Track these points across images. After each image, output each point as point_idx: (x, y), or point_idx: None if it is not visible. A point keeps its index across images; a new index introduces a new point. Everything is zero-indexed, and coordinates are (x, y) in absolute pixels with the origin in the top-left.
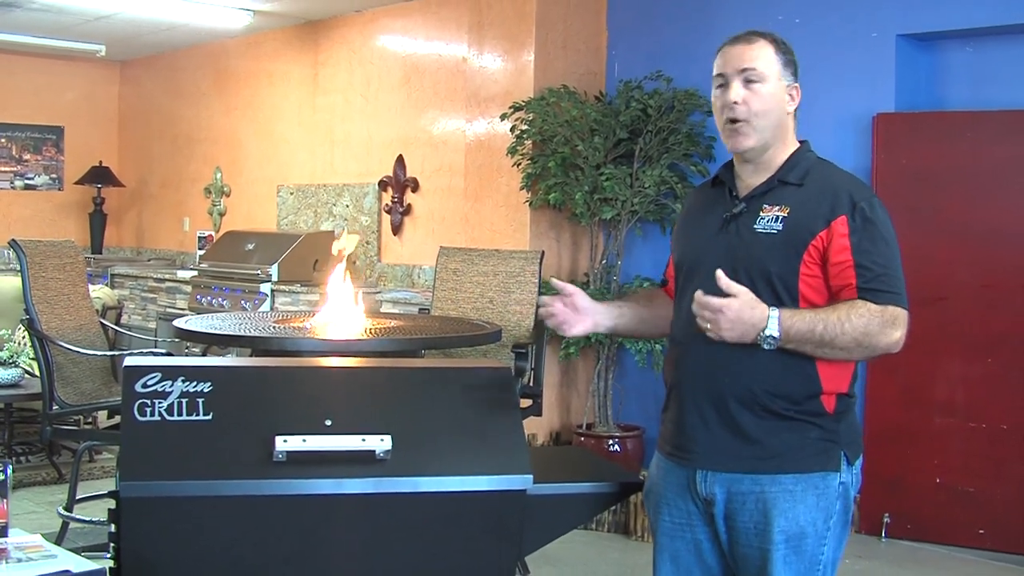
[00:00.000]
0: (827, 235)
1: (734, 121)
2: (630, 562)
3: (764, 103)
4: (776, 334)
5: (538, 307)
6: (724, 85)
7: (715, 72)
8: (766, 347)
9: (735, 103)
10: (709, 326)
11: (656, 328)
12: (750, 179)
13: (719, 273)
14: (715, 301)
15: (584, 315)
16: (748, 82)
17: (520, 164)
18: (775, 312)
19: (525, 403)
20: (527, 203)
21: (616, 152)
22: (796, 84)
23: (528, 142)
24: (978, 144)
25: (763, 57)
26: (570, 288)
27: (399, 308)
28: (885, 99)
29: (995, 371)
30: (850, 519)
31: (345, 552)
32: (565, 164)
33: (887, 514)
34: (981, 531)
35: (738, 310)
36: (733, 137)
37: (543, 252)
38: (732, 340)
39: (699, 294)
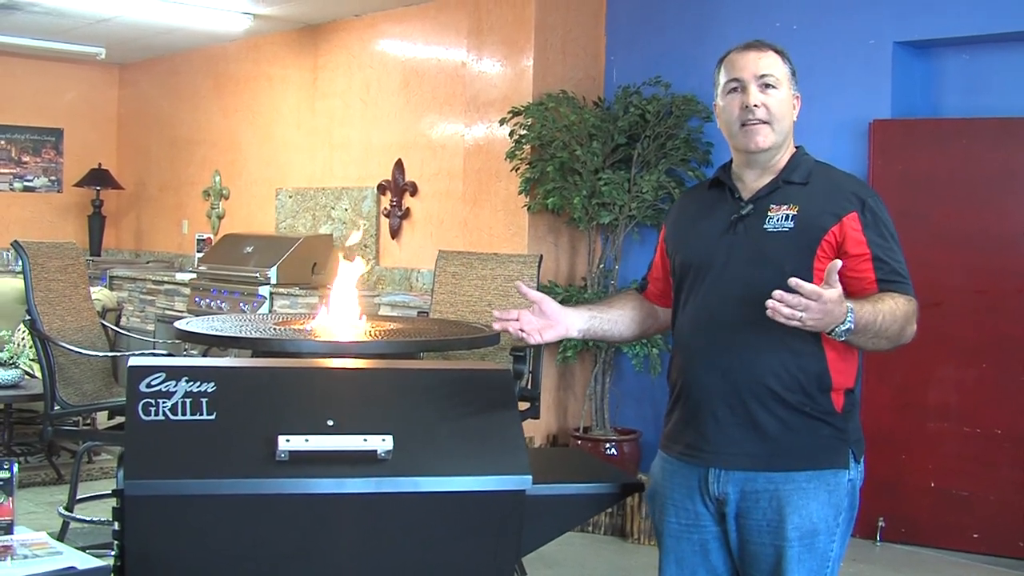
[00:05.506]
0: (839, 231)
1: (748, 124)
2: (626, 564)
3: (780, 107)
4: (852, 326)
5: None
6: (738, 89)
7: (728, 78)
8: (837, 339)
9: (755, 106)
10: (796, 312)
11: (629, 329)
12: (754, 182)
13: (797, 281)
14: (810, 287)
15: (553, 320)
16: (766, 87)
17: (519, 169)
18: (851, 306)
19: (523, 406)
20: (525, 207)
21: (614, 157)
22: (798, 93)
23: (527, 147)
24: (973, 151)
25: (776, 65)
26: (535, 295)
27: (397, 311)
28: (881, 105)
29: (989, 375)
30: (855, 516)
31: (346, 551)
32: (563, 169)
33: (882, 518)
34: (975, 535)
35: (834, 302)
36: (751, 137)
37: (541, 256)
38: (811, 328)
39: (795, 281)
